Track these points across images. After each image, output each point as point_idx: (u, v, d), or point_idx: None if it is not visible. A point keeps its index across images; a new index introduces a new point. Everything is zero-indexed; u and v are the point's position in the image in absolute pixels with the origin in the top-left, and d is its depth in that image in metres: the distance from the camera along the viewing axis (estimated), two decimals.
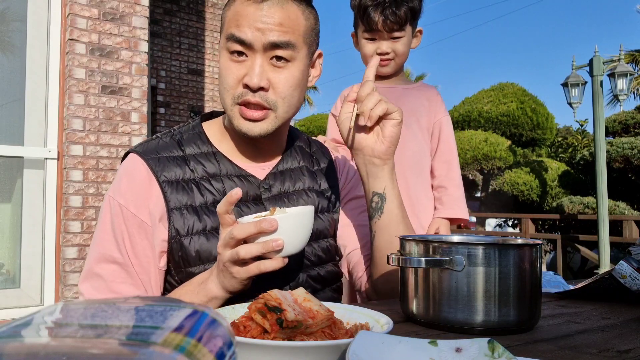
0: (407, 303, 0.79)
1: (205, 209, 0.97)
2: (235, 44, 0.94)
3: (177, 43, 7.42)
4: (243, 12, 0.93)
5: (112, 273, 0.96)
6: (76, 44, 3.34)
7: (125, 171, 1.00)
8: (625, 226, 7.19)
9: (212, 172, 1.00)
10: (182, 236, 0.95)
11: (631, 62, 14.05)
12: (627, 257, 0.95)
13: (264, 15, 0.92)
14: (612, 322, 0.80)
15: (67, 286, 3.25)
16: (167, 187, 0.96)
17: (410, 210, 1.69)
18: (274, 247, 0.79)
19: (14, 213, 3.41)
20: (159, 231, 0.96)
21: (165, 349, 0.28)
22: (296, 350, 0.53)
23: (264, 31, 0.92)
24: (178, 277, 0.97)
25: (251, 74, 0.93)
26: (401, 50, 1.72)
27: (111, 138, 3.43)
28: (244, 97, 0.94)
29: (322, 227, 1.08)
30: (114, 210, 0.97)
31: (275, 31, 0.92)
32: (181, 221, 0.95)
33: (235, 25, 0.93)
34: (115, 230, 0.96)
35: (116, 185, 0.99)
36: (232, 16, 0.95)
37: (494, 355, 0.52)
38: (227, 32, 0.95)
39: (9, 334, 0.30)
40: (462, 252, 0.72)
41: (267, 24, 0.92)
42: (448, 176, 1.78)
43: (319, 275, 1.05)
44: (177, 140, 1.03)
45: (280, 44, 0.93)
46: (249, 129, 0.96)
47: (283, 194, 1.05)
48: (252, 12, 0.92)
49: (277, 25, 0.93)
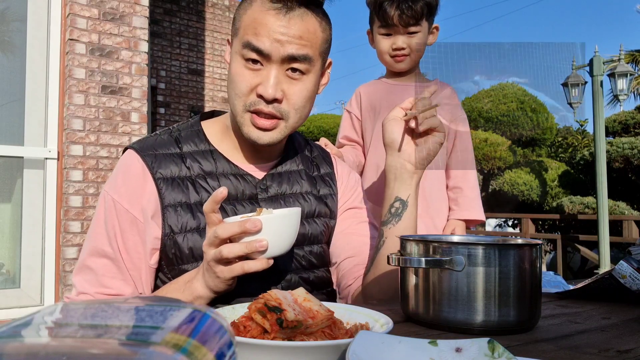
0: (407, 303, 0.79)
1: (200, 207, 0.97)
2: (251, 52, 0.92)
3: (177, 43, 7.42)
4: (262, 20, 0.91)
5: (103, 267, 0.97)
6: (76, 44, 3.34)
7: (122, 167, 1.00)
8: (625, 226, 7.20)
9: (208, 170, 1.00)
10: (176, 233, 0.95)
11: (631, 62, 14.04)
12: (627, 257, 0.95)
13: (284, 26, 0.91)
14: (612, 322, 0.80)
15: (67, 286, 3.25)
16: (162, 184, 0.97)
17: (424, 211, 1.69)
18: (257, 248, 0.79)
19: (14, 213, 3.41)
20: (151, 228, 0.96)
21: (166, 350, 0.28)
22: (296, 350, 0.53)
23: (283, 43, 0.91)
24: (171, 274, 0.98)
25: (266, 84, 0.92)
26: (417, 45, 1.69)
27: (111, 138, 3.43)
28: (256, 106, 0.94)
29: (316, 232, 1.06)
30: (107, 205, 0.98)
31: (295, 44, 0.91)
32: (175, 218, 0.95)
33: (253, 33, 0.91)
34: (108, 224, 0.97)
35: (112, 181, 1.00)
36: (249, 22, 0.93)
37: (494, 355, 0.52)
38: (244, 39, 0.92)
39: (9, 334, 0.30)
40: (462, 252, 0.72)
41: (286, 35, 0.91)
42: (464, 177, 1.77)
43: (309, 280, 1.04)
44: (175, 138, 1.03)
45: (298, 57, 0.92)
46: (259, 137, 0.96)
47: (280, 195, 1.05)
48: (272, 22, 0.91)
49: (297, 37, 0.91)
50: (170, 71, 7.36)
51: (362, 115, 1.81)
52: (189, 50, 7.52)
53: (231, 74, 0.96)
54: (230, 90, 0.97)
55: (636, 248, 0.99)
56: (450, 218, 1.77)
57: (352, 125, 1.83)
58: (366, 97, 1.81)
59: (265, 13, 0.91)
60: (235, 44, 0.96)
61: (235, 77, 0.95)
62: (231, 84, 0.96)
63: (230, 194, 0.99)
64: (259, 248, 0.79)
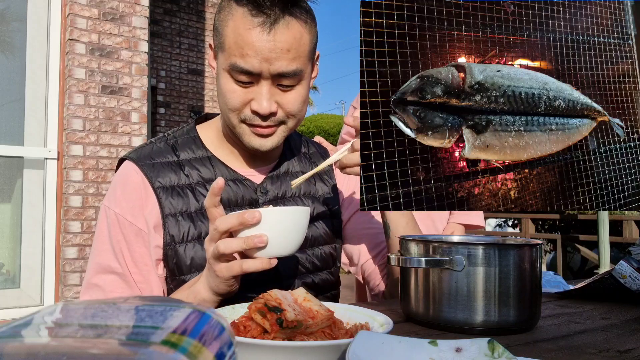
0: (407, 303, 0.79)
1: (201, 215, 0.96)
2: (240, 75, 0.89)
3: (177, 43, 7.42)
4: (247, 39, 0.87)
5: (111, 283, 0.94)
6: (76, 44, 3.34)
7: (120, 179, 0.98)
8: (625, 226, 7.19)
9: (207, 177, 0.99)
10: (177, 243, 0.94)
11: None
12: (627, 257, 0.95)
13: (270, 41, 0.87)
14: (612, 322, 0.80)
15: (67, 286, 3.25)
16: (162, 193, 0.95)
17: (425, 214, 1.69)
18: (256, 243, 0.74)
19: (14, 213, 3.41)
20: (153, 238, 0.95)
21: (167, 349, 0.28)
22: (296, 350, 0.53)
23: (272, 61, 0.87)
24: (172, 284, 0.96)
25: (259, 100, 0.90)
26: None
27: (111, 138, 3.43)
28: (253, 122, 0.93)
29: (317, 234, 1.06)
30: (110, 219, 0.96)
31: (283, 60, 0.88)
32: (176, 228, 0.94)
33: (239, 55, 0.88)
34: (113, 240, 0.95)
35: (111, 194, 0.97)
36: (233, 39, 0.88)
37: (494, 355, 0.52)
38: (231, 61, 0.88)
39: (9, 334, 0.30)
40: (462, 252, 0.72)
41: (274, 52, 0.87)
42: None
43: (313, 283, 1.04)
44: (171, 145, 1.01)
45: (288, 74, 0.90)
46: (261, 144, 0.95)
47: (279, 198, 1.04)
48: (258, 40, 0.86)
49: (284, 52, 0.88)
50: (170, 71, 7.36)
51: None
52: (189, 50, 7.52)
53: (222, 89, 0.93)
54: (223, 104, 0.94)
55: (636, 248, 0.99)
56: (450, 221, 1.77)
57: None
58: None
59: (249, 30, 0.87)
60: (221, 59, 0.92)
61: (227, 94, 0.92)
62: (222, 98, 0.94)
63: (230, 199, 0.98)
64: (257, 243, 0.74)
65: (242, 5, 0.88)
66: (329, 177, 1.13)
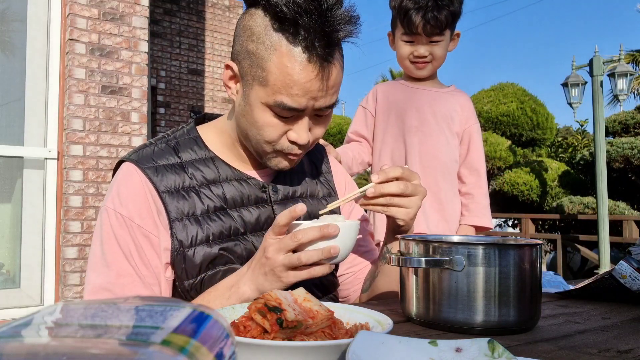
0: (407, 303, 0.79)
1: (207, 218, 0.94)
2: (285, 112, 0.89)
3: (177, 43, 7.42)
4: (299, 81, 0.86)
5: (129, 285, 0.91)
6: (76, 44, 3.34)
7: (123, 181, 0.95)
8: (625, 226, 7.19)
9: (211, 178, 0.98)
10: (186, 248, 0.92)
11: (631, 62, 14.03)
12: (627, 257, 0.95)
13: (319, 81, 0.87)
14: (612, 322, 0.80)
15: (67, 286, 3.25)
16: (167, 197, 0.93)
17: (439, 214, 1.75)
18: (331, 254, 0.80)
19: (14, 213, 3.41)
20: (161, 241, 0.93)
21: (167, 350, 0.28)
22: (296, 350, 0.53)
23: (318, 98, 0.89)
24: (180, 288, 0.95)
25: (300, 132, 0.91)
26: (439, 54, 1.71)
27: (111, 138, 3.43)
28: (291, 151, 0.94)
29: None
30: (116, 222, 0.92)
31: (328, 97, 0.90)
32: (184, 232, 0.92)
33: (287, 94, 0.86)
34: (120, 242, 0.92)
35: (114, 197, 0.94)
36: (282, 79, 0.86)
37: (494, 355, 0.52)
38: (277, 99, 0.87)
39: (9, 334, 0.30)
40: (462, 252, 0.72)
41: (322, 91, 0.88)
42: (477, 184, 1.80)
43: (320, 283, 1.04)
44: (172, 147, 0.99)
45: (329, 107, 0.93)
46: (287, 166, 0.98)
47: (289, 197, 1.04)
48: (309, 81, 0.86)
49: (330, 89, 0.90)
50: (170, 71, 7.37)
51: (376, 112, 1.83)
52: (189, 50, 7.53)
53: (258, 122, 0.91)
54: (256, 134, 0.93)
55: (636, 248, 0.99)
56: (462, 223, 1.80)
57: (365, 122, 1.85)
58: (384, 95, 1.83)
59: (301, 72, 0.85)
60: (259, 92, 0.89)
61: (265, 127, 0.91)
62: (258, 130, 0.92)
63: (235, 199, 0.98)
64: (333, 254, 0.80)
65: (290, 42, 0.85)
66: (328, 177, 1.14)
